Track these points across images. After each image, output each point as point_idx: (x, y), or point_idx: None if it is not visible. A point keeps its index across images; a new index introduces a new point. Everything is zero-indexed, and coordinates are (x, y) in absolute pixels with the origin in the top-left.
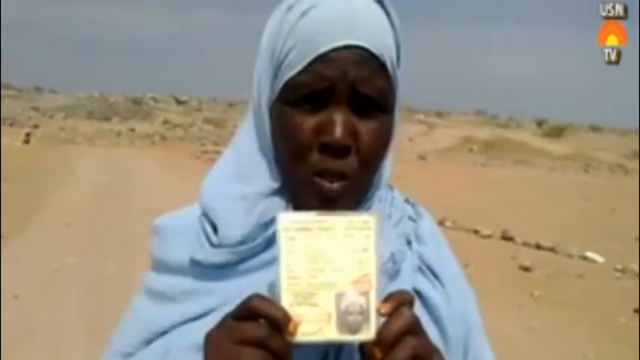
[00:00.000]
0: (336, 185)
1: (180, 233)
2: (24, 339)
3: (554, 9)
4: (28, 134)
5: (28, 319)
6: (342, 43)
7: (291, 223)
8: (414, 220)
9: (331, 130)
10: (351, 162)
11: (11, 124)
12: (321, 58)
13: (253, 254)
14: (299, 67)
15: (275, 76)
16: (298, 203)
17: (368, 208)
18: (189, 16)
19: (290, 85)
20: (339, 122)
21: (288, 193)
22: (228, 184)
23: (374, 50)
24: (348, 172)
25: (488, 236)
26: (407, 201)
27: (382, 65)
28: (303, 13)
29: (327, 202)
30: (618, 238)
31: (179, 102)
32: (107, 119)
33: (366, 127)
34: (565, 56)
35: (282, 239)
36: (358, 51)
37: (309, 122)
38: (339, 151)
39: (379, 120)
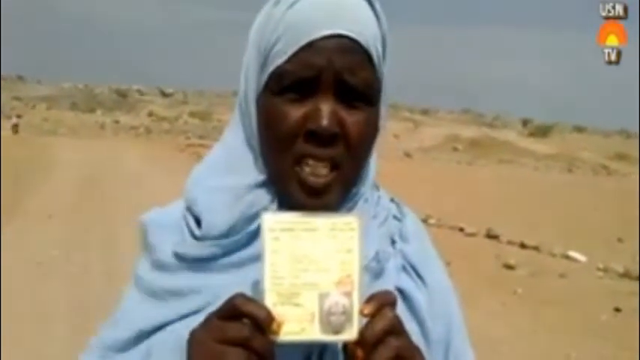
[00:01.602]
0: (322, 177)
1: (165, 229)
2: (7, 331)
3: (553, 9)
4: (16, 124)
5: (10, 311)
6: (328, 31)
7: (276, 224)
8: (398, 220)
9: (318, 118)
10: (338, 150)
11: None
12: (308, 47)
13: (236, 248)
14: (286, 56)
15: (262, 67)
16: (284, 197)
17: (353, 207)
18: (177, 8)
19: (276, 75)
20: (325, 111)
21: (274, 186)
22: (214, 177)
23: (360, 40)
24: (336, 158)
25: (473, 234)
26: (392, 200)
27: (368, 56)
28: (290, 5)
29: (313, 194)
30: (600, 238)
31: (165, 94)
32: (91, 111)
33: (352, 118)
34: (562, 56)
35: (267, 239)
36: (344, 40)
37: (295, 111)
38: (325, 138)
39: (365, 111)
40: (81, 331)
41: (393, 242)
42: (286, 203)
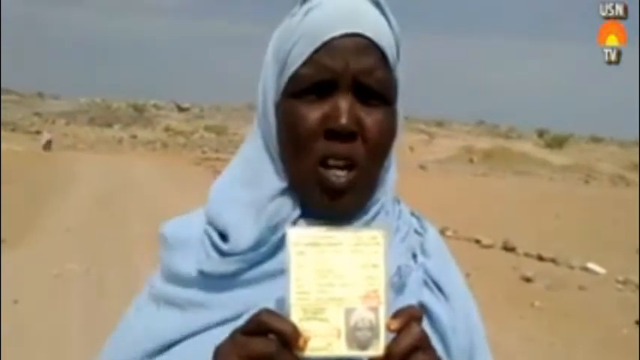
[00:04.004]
0: (342, 177)
1: (187, 244)
2: (23, 344)
3: (554, 10)
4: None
5: (27, 324)
6: (343, 31)
7: (301, 238)
8: (419, 234)
9: (337, 117)
10: (357, 148)
11: (13, 130)
12: (324, 48)
13: (261, 260)
14: (302, 59)
15: (280, 73)
16: (305, 200)
17: (376, 216)
18: (192, 23)
19: (294, 78)
20: (343, 109)
21: (295, 193)
22: (237, 191)
23: (375, 39)
24: (355, 157)
25: (490, 246)
26: (412, 214)
27: (383, 56)
28: (306, 13)
29: (334, 195)
30: (619, 250)
31: (181, 109)
32: (109, 125)
33: (370, 117)
34: (567, 61)
35: (292, 254)
36: (360, 39)
37: (314, 112)
38: (345, 136)
39: (383, 110)
40: (96, 345)
41: (414, 256)
42: (308, 209)
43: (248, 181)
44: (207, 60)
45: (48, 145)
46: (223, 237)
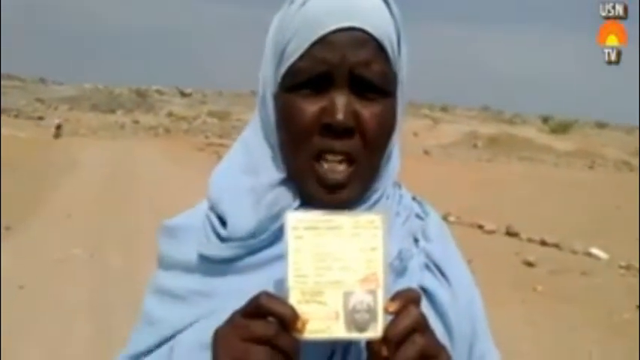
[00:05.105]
0: (340, 172)
1: (189, 230)
2: (29, 329)
3: (554, 9)
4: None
5: (33, 309)
6: (340, 25)
7: (299, 222)
8: (421, 218)
9: (333, 112)
10: (355, 143)
11: (16, 116)
12: (320, 42)
13: (261, 248)
14: (299, 53)
15: (278, 65)
16: (303, 192)
17: (375, 203)
18: (195, 9)
19: (291, 72)
20: (340, 104)
21: (294, 183)
22: (237, 177)
23: (373, 32)
24: (352, 152)
25: (493, 232)
26: (414, 199)
27: (381, 48)
28: (303, 3)
29: (332, 190)
30: (622, 235)
31: (184, 95)
32: (111, 111)
33: (368, 110)
34: (566, 56)
35: (290, 238)
36: (357, 33)
37: (311, 107)
38: (341, 132)
39: (381, 103)
40: (101, 329)
41: (416, 241)
42: (307, 200)
43: (248, 167)
44: (210, 45)
45: (58, 132)
46: (223, 222)
